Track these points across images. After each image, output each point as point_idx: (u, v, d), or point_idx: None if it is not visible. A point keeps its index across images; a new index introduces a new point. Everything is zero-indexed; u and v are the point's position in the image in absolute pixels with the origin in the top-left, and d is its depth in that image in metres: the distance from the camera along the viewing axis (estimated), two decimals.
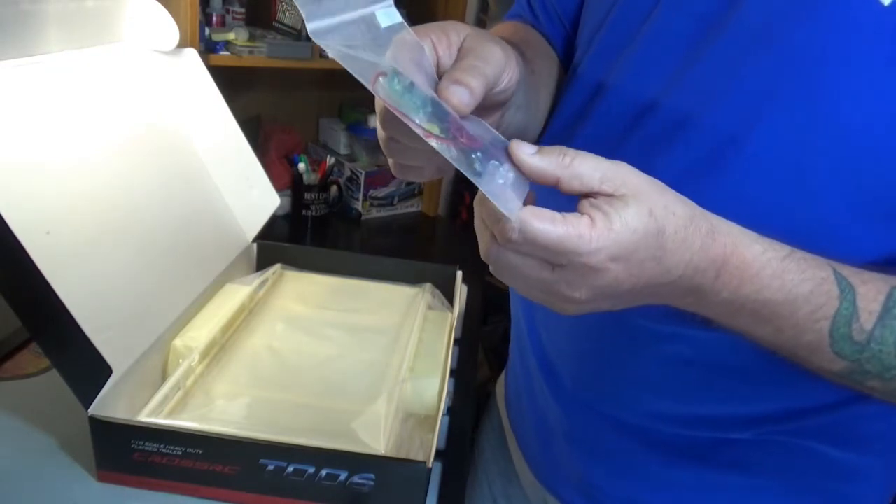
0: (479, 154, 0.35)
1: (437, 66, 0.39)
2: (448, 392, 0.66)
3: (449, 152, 0.35)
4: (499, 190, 0.35)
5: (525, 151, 0.36)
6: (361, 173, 1.77)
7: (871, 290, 0.39)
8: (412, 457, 0.56)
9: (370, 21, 0.37)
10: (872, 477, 0.54)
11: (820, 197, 0.43)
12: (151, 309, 0.64)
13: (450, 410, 0.68)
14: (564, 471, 0.63)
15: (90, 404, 0.51)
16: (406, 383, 0.64)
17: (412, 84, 0.35)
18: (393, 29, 0.37)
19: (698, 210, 0.37)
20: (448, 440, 0.64)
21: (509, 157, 0.36)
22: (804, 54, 0.43)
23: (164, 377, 0.64)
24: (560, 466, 0.64)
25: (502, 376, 0.80)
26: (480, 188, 0.35)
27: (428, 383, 0.65)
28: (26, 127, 0.57)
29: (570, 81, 0.57)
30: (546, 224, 0.34)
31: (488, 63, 0.39)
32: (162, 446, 0.53)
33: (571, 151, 0.35)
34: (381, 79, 0.35)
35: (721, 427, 0.52)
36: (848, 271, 0.39)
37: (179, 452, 0.53)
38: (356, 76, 0.34)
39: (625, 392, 0.55)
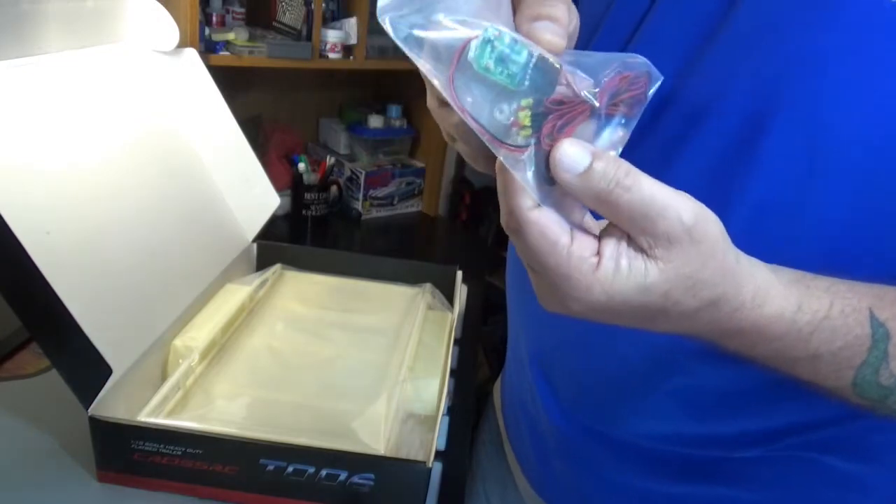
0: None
1: None
2: (448, 392, 0.66)
3: (513, 160, 0.28)
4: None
5: (573, 168, 0.29)
6: (361, 173, 1.77)
7: None
8: (412, 457, 0.56)
9: None
10: (881, 488, 0.53)
11: (824, 205, 0.41)
12: (151, 309, 0.64)
13: (450, 410, 0.68)
14: (563, 486, 0.62)
15: (90, 404, 0.51)
16: (406, 383, 0.64)
17: (514, 41, 0.27)
18: None
19: (732, 286, 0.32)
20: (448, 440, 0.64)
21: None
22: (810, 54, 0.41)
23: (164, 377, 0.64)
24: (558, 482, 0.63)
25: (498, 381, 0.79)
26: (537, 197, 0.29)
27: (428, 383, 0.65)
28: (26, 127, 0.56)
29: None
30: (549, 242, 0.30)
31: None
32: (162, 446, 0.53)
33: (629, 172, 0.29)
34: (473, 43, 0.27)
35: (730, 446, 0.51)
36: (889, 312, 0.36)
37: (179, 452, 0.53)
38: (424, 65, 0.28)
39: (629, 414, 0.53)
